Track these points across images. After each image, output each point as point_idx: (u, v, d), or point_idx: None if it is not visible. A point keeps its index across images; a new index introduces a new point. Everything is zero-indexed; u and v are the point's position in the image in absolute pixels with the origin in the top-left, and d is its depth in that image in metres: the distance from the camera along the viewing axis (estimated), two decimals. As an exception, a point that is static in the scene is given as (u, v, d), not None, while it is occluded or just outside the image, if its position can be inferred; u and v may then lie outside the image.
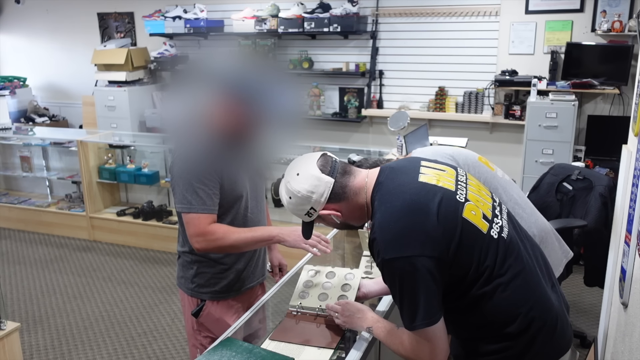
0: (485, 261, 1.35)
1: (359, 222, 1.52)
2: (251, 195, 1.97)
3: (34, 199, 5.53)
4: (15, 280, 4.27)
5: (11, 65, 6.91)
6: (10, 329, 2.33)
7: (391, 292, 1.40)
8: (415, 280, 1.30)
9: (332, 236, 2.53)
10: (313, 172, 1.44)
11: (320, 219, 1.49)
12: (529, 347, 1.40)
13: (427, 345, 1.35)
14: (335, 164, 1.46)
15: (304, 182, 1.43)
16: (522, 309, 1.38)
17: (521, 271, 1.39)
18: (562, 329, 1.44)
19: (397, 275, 1.32)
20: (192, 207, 1.80)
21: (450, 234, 1.32)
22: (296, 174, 1.45)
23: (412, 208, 1.33)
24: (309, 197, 1.43)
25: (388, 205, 1.36)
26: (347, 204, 1.45)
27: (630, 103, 4.42)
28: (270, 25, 5.19)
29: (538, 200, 3.26)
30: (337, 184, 1.43)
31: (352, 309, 1.61)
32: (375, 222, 1.37)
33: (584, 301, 3.72)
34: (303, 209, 1.46)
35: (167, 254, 4.70)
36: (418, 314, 1.33)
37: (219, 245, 1.84)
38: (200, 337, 2.04)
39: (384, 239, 1.32)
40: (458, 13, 4.83)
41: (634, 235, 1.87)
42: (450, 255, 1.32)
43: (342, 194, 1.44)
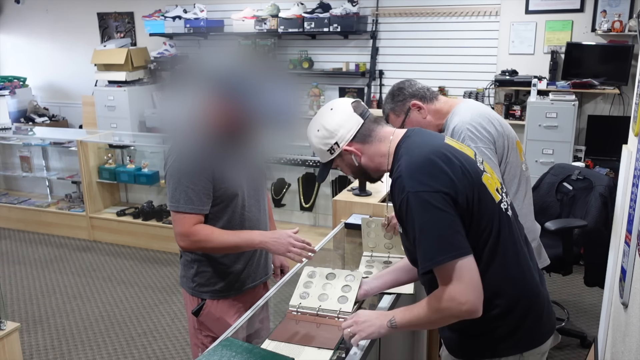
0: (493, 228, 1.40)
1: (376, 171, 1.55)
2: (249, 194, 1.97)
3: (34, 199, 5.53)
4: (15, 280, 4.27)
5: (11, 65, 6.91)
6: (10, 329, 2.33)
7: (409, 233, 1.37)
8: (441, 212, 1.32)
9: (332, 236, 2.54)
10: (346, 109, 1.51)
11: (340, 160, 1.54)
12: (517, 329, 1.45)
13: (461, 279, 1.30)
14: (366, 110, 1.54)
15: (336, 117, 1.51)
16: (512, 289, 1.43)
17: (517, 252, 1.45)
18: (549, 314, 1.52)
19: (421, 208, 1.32)
20: (179, 205, 1.83)
21: (470, 187, 1.37)
22: (330, 109, 1.54)
23: (438, 154, 1.39)
24: (337, 130, 1.50)
25: (416, 151, 1.41)
26: (370, 147, 1.51)
27: (630, 103, 4.42)
28: (270, 25, 5.19)
29: (538, 200, 3.26)
30: (365, 126, 1.51)
31: (363, 316, 1.53)
32: (401, 163, 1.41)
33: (584, 301, 3.72)
34: (327, 144, 1.51)
35: (167, 254, 4.70)
36: (446, 244, 1.31)
37: (201, 246, 1.87)
38: (201, 337, 2.04)
39: (410, 174, 1.36)
40: (458, 13, 4.83)
41: (634, 235, 1.86)
42: (468, 207, 1.36)
43: (368, 137, 1.51)
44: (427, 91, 2.14)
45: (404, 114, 2.10)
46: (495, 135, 2.02)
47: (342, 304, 1.73)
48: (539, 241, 2.23)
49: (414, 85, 2.13)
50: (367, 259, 2.20)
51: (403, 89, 2.11)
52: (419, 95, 2.10)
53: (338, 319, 1.69)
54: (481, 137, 1.99)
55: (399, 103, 2.10)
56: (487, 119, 2.04)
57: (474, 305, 1.32)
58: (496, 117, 2.09)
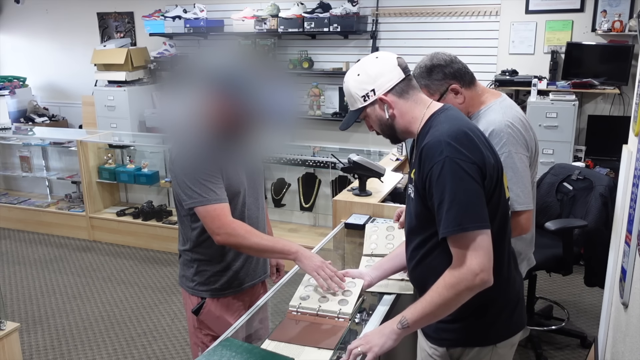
0: (498, 220, 1.44)
1: (404, 130, 1.52)
2: (249, 192, 1.98)
3: (34, 199, 5.53)
4: (15, 280, 4.27)
5: (11, 65, 6.90)
6: (10, 329, 2.33)
7: (434, 198, 1.37)
8: (474, 183, 1.35)
9: (333, 236, 2.54)
10: (391, 60, 1.50)
11: (371, 110, 1.52)
12: (493, 321, 1.50)
13: (480, 249, 1.34)
14: (409, 69, 1.53)
15: (379, 65, 1.50)
16: (497, 281, 1.43)
17: (505, 251, 1.50)
18: (522, 307, 1.59)
19: (456, 175, 1.34)
20: (204, 199, 1.78)
21: (495, 174, 1.41)
22: (375, 57, 1.52)
23: (475, 133, 1.42)
24: (377, 77, 1.48)
25: (455, 123, 1.42)
26: (405, 104, 1.50)
27: (630, 103, 4.42)
28: (270, 25, 5.18)
29: (538, 200, 3.25)
30: (405, 82, 1.50)
31: (370, 332, 1.50)
32: (440, 129, 1.40)
33: (584, 301, 3.71)
34: (364, 89, 1.50)
35: (167, 254, 4.70)
36: (473, 213, 1.34)
37: (237, 242, 1.82)
38: (201, 335, 2.04)
39: (450, 141, 1.36)
40: (458, 13, 4.83)
41: (634, 235, 1.86)
42: (489, 189, 1.39)
43: (405, 93, 1.50)
44: (467, 74, 1.93)
45: (438, 94, 1.88)
46: (531, 145, 1.93)
47: (343, 306, 1.73)
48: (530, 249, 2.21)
49: (455, 64, 1.90)
50: (366, 259, 2.20)
51: (443, 67, 1.88)
52: (458, 77, 1.90)
53: (338, 319, 1.69)
54: (521, 144, 1.87)
55: (436, 82, 1.89)
56: (525, 125, 1.92)
57: (488, 275, 1.35)
58: (529, 123, 1.99)
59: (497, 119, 1.87)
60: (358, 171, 2.86)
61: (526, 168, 1.87)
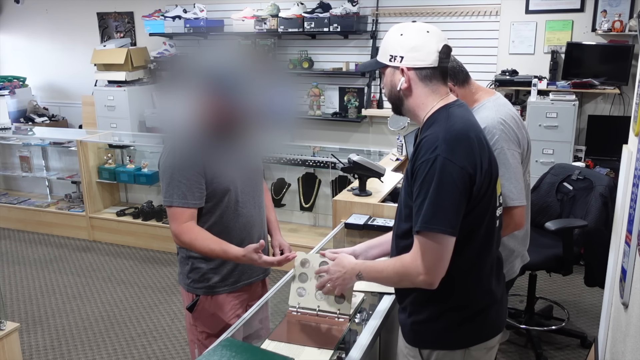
0: (484, 228, 1.45)
1: (409, 110, 1.53)
2: (243, 190, 1.98)
3: (34, 199, 5.53)
4: (15, 280, 4.26)
5: (11, 65, 6.90)
6: (10, 329, 2.33)
7: (418, 190, 1.40)
8: (456, 189, 1.36)
9: (332, 236, 2.53)
10: (435, 44, 1.47)
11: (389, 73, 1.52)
12: (464, 324, 1.50)
13: (435, 252, 1.37)
14: (447, 63, 1.51)
15: (423, 40, 1.47)
16: (474, 287, 1.49)
17: (488, 258, 1.51)
18: (500, 311, 1.59)
19: (442, 176, 1.35)
20: (173, 200, 1.86)
21: (487, 181, 1.42)
22: (426, 31, 1.48)
23: (477, 138, 1.43)
24: (413, 50, 1.46)
25: (459, 122, 1.43)
26: (422, 89, 1.49)
27: (630, 103, 4.42)
28: (270, 25, 5.18)
29: (538, 200, 3.26)
30: (433, 70, 1.48)
31: (336, 272, 1.62)
32: (442, 126, 1.41)
33: (584, 301, 3.71)
34: (396, 50, 1.49)
35: (167, 254, 4.70)
36: (442, 217, 1.35)
37: (188, 247, 1.91)
38: (197, 333, 2.06)
39: (448, 139, 1.38)
40: (458, 13, 4.83)
41: (635, 235, 1.86)
42: (478, 195, 1.40)
43: (428, 80, 1.48)
44: (461, 72, 1.99)
45: None
46: (523, 142, 1.95)
47: (340, 304, 1.72)
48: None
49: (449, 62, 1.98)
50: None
51: None
52: (452, 75, 1.93)
53: (338, 319, 1.69)
54: (513, 140, 1.90)
55: None
56: (517, 123, 1.94)
57: (432, 278, 1.39)
58: (522, 121, 2.01)
59: (489, 116, 1.91)
60: (358, 171, 2.86)
61: (518, 164, 1.90)
